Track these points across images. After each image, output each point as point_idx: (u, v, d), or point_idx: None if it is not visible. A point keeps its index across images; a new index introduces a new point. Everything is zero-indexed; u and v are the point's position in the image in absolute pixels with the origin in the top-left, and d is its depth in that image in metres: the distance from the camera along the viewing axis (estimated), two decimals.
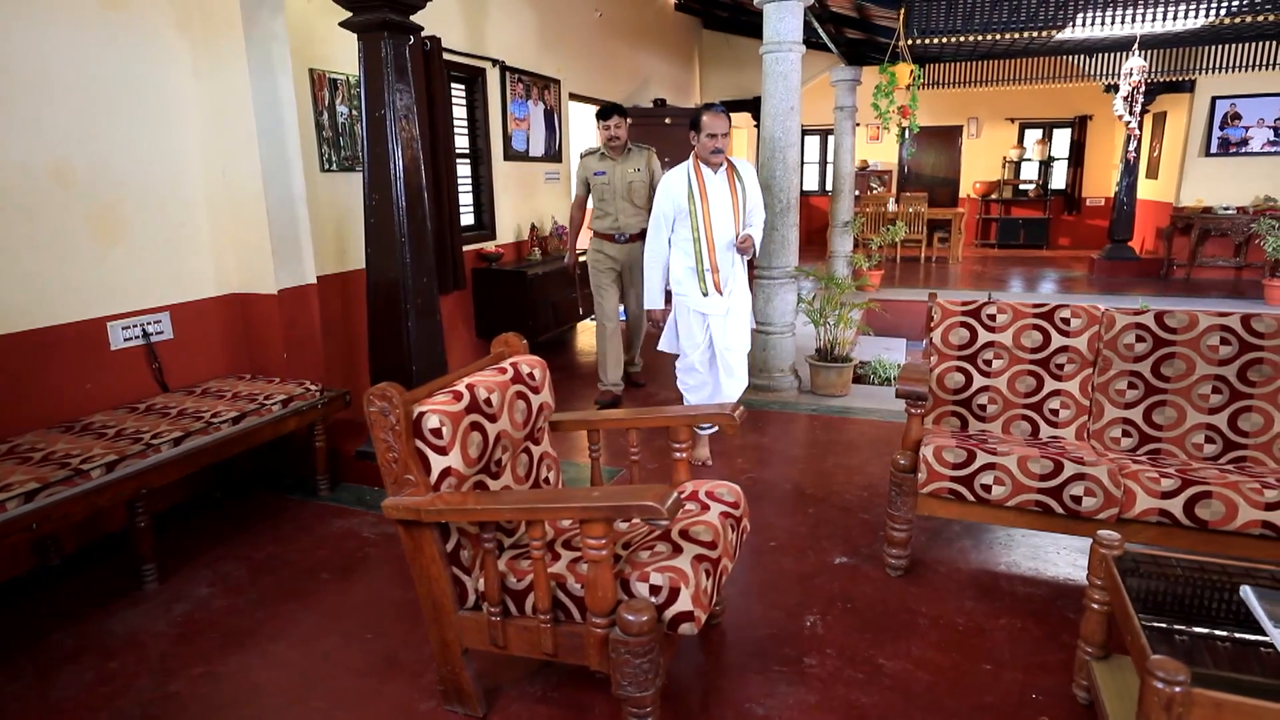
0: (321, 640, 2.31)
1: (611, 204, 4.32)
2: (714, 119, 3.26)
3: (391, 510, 1.81)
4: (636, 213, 4.32)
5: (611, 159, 4.29)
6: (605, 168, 4.30)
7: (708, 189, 3.33)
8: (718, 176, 3.36)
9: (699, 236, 3.35)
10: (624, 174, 4.28)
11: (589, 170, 4.36)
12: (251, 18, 3.21)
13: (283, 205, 3.44)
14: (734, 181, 3.37)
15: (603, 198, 4.32)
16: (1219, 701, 1.35)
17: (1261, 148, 8.41)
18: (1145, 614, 1.66)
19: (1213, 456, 2.58)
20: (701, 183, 3.34)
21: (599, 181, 4.31)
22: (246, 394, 3.10)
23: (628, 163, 4.29)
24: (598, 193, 4.33)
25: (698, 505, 2.04)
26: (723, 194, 3.35)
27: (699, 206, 3.33)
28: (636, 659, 1.65)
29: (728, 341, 3.48)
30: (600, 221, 4.39)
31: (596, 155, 4.35)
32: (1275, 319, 2.53)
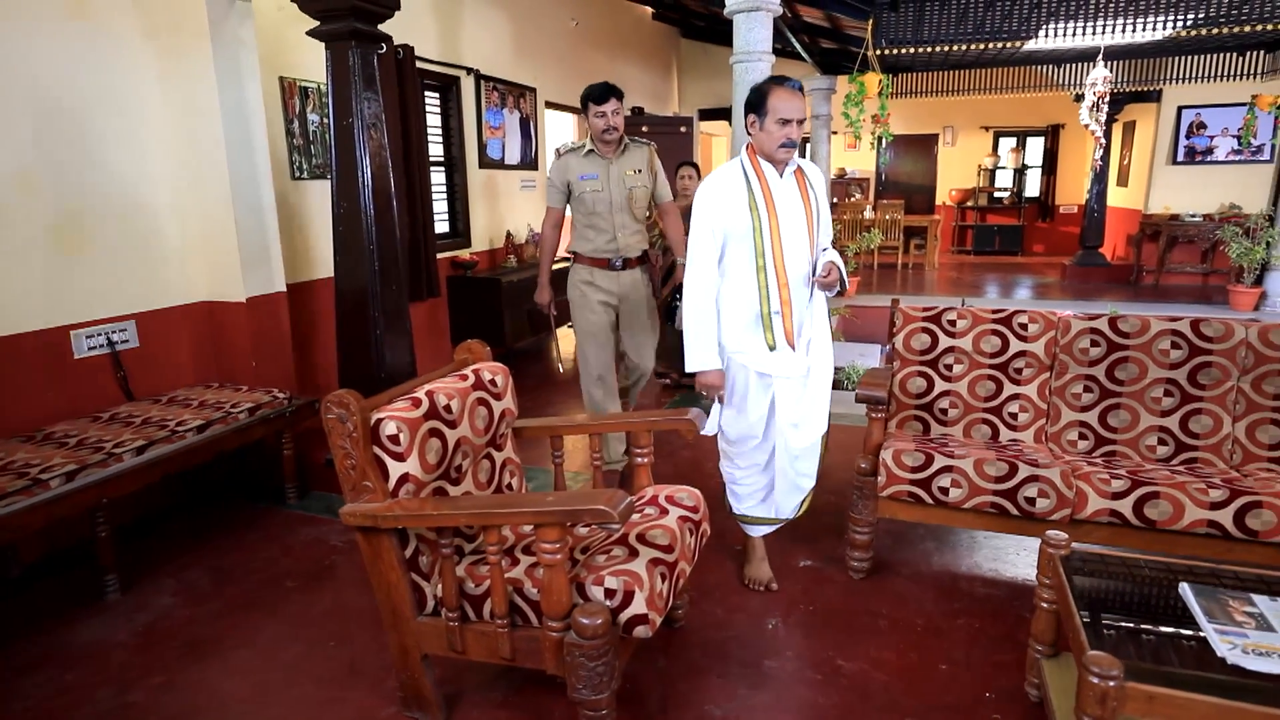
0: (284, 649, 2.30)
1: (606, 218, 3.17)
2: (788, 98, 2.25)
3: (349, 517, 1.82)
4: (638, 229, 3.27)
5: (603, 157, 3.15)
6: (596, 169, 3.14)
7: (774, 197, 2.33)
8: (784, 181, 2.37)
9: (764, 264, 2.33)
10: (622, 177, 3.16)
11: (571, 173, 3.16)
12: (219, 26, 3.21)
13: (252, 213, 3.44)
14: (805, 189, 2.40)
15: (593, 210, 3.16)
16: (1151, 694, 1.39)
17: (1226, 156, 8.59)
18: (1091, 611, 1.70)
19: (1165, 458, 2.64)
20: (766, 188, 2.33)
21: (587, 188, 3.14)
22: (213, 402, 3.09)
23: (625, 161, 3.18)
24: (584, 204, 3.16)
25: (657, 510, 2.06)
26: (794, 205, 2.36)
27: (765, 221, 2.32)
28: (591, 662, 1.67)
29: (798, 416, 2.42)
30: (587, 242, 3.22)
31: (580, 153, 3.16)
32: (1223, 324, 2.59)
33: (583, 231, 3.26)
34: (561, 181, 3.21)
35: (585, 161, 3.19)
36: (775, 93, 2.27)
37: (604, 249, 3.23)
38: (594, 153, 3.18)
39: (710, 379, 2.40)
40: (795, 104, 2.26)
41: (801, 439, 2.45)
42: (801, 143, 11.54)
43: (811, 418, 2.46)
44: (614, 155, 3.18)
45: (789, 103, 2.26)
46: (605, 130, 3.08)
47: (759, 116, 2.30)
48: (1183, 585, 1.73)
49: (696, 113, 9.93)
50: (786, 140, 2.28)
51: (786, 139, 2.27)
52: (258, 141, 3.44)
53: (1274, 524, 2.14)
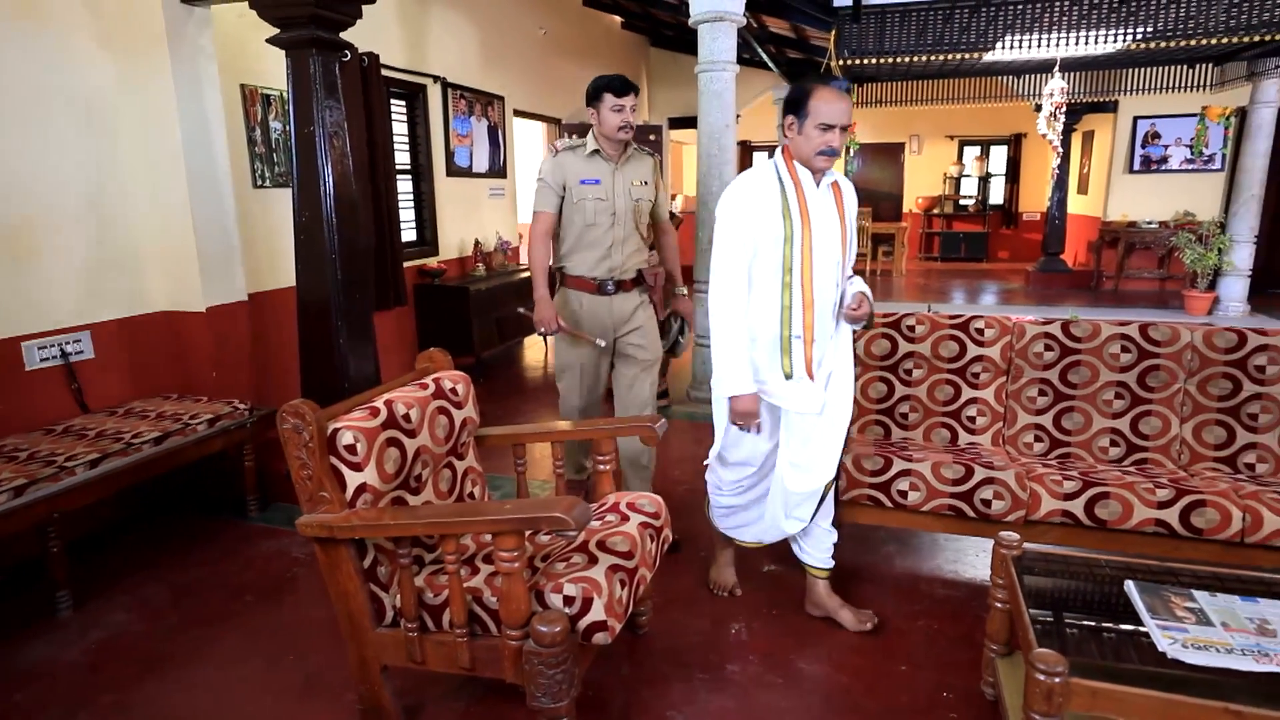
0: (242, 663, 2.27)
1: (605, 231, 2.76)
2: (832, 100, 2.04)
3: (305, 528, 1.80)
4: (639, 247, 2.89)
5: (609, 161, 2.75)
6: (599, 173, 2.74)
7: (810, 208, 2.11)
8: (821, 192, 2.15)
9: (790, 281, 2.11)
10: (627, 185, 2.78)
11: (570, 175, 2.74)
12: (177, 33, 3.17)
13: (211, 222, 3.40)
14: (841, 205, 2.18)
15: (592, 221, 2.75)
16: (1094, 690, 1.43)
17: (1179, 165, 8.83)
18: (1042, 610, 1.74)
19: (1117, 459, 2.70)
20: (802, 196, 2.11)
21: (588, 195, 2.72)
22: (171, 414, 3.04)
23: (631, 170, 2.80)
24: (582, 213, 2.74)
25: (618, 516, 2.07)
26: (829, 220, 2.14)
27: (798, 233, 2.09)
28: (550, 670, 1.67)
29: (804, 457, 2.22)
30: (580, 259, 2.79)
31: (582, 153, 2.75)
32: (1170, 328, 2.67)
33: (572, 246, 2.82)
34: (557, 183, 2.77)
35: (588, 164, 2.74)
36: (818, 94, 2.05)
37: (596, 269, 2.80)
38: (599, 154, 2.74)
39: (745, 405, 2.16)
40: (840, 108, 2.04)
41: (802, 482, 2.23)
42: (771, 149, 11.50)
43: (818, 462, 2.21)
44: (619, 160, 2.78)
45: (833, 106, 2.03)
46: (623, 127, 2.67)
47: (798, 119, 2.08)
48: (1128, 583, 1.77)
49: (666, 121, 9.99)
50: (827, 147, 2.06)
51: (827, 146, 2.05)
52: (218, 150, 3.40)
53: (1217, 522, 2.20)
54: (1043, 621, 1.70)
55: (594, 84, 2.71)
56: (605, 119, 2.69)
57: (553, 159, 2.81)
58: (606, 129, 2.70)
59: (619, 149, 2.78)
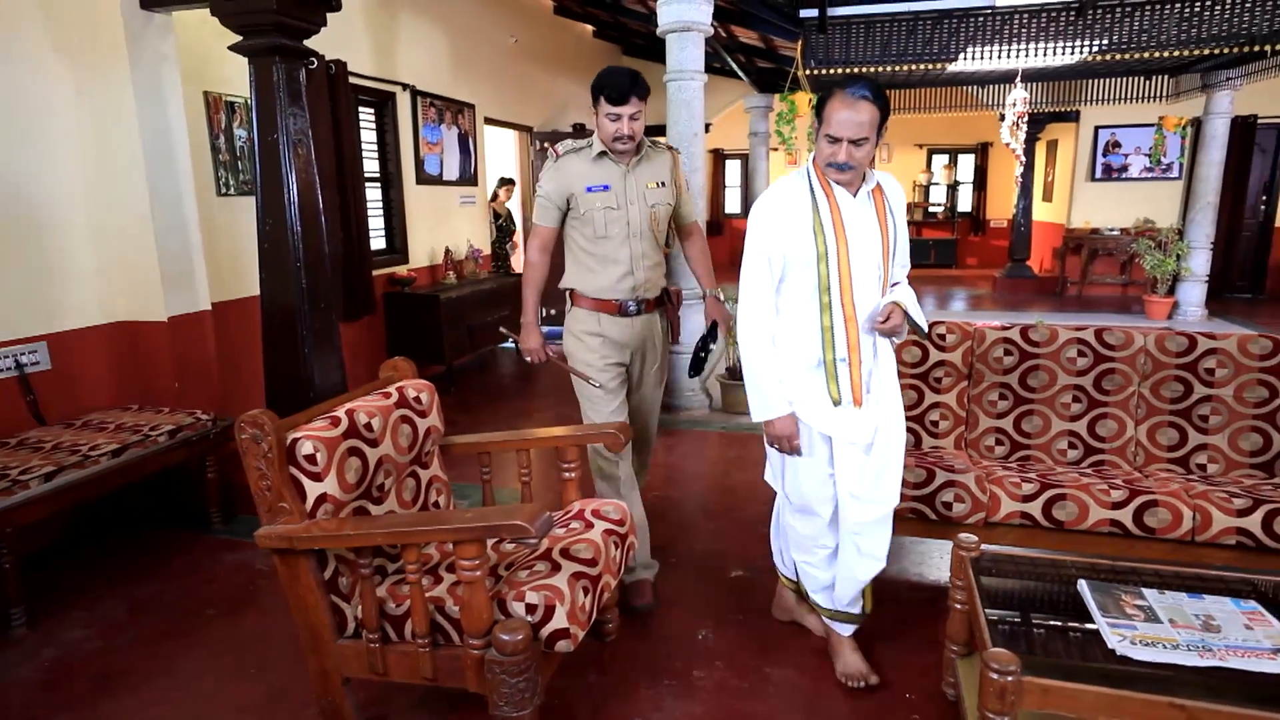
0: (202, 678, 2.23)
1: (621, 245, 2.43)
2: (839, 109, 1.85)
3: (264, 539, 1.78)
4: (659, 261, 2.54)
5: (618, 163, 2.41)
6: (609, 178, 2.40)
7: (845, 221, 1.95)
8: (859, 201, 1.98)
9: (829, 301, 1.97)
10: (643, 191, 2.44)
11: (575, 183, 2.41)
12: (137, 40, 3.13)
13: (173, 230, 3.35)
14: (883, 212, 2.01)
15: (604, 234, 2.42)
16: (1045, 687, 1.46)
17: (1139, 174, 9.06)
18: (999, 610, 1.77)
19: (1075, 461, 2.76)
20: (836, 209, 1.95)
21: (597, 204, 2.40)
22: (131, 425, 2.98)
23: (645, 171, 2.45)
24: (592, 225, 2.41)
25: (582, 524, 2.07)
26: (868, 231, 1.98)
27: (832, 249, 1.94)
28: (512, 678, 1.67)
29: (862, 487, 2.05)
30: (592, 277, 2.46)
31: (587, 155, 2.41)
32: (1124, 332, 2.74)
33: (585, 263, 2.46)
34: (560, 194, 2.42)
35: (595, 168, 2.40)
36: (831, 100, 1.87)
37: (616, 288, 2.44)
38: (606, 156, 2.40)
39: (780, 428, 2.02)
40: (844, 118, 1.83)
41: (864, 512, 2.06)
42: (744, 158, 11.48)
43: (880, 489, 2.06)
44: (630, 162, 2.43)
45: (839, 115, 1.84)
46: (619, 138, 2.33)
47: (819, 126, 1.92)
48: (1081, 582, 1.81)
49: None
50: (832, 161, 1.89)
51: (832, 160, 1.88)
52: (180, 158, 3.36)
53: (1169, 521, 2.26)
54: (999, 622, 1.73)
55: (594, 83, 2.36)
56: (600, 126, 2.36)
57: (552, 166, 2.45)
58: (602, 136, 2.37)
59: (627, 154, 2.41)
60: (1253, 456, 2.62)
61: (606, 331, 2.48)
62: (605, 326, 2.48)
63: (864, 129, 1.84)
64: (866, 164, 1.93)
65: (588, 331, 2.49)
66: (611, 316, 2.47)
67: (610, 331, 2.48)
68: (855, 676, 2.14)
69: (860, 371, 2.00)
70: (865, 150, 1.88)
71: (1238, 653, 1.52)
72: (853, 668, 2.16)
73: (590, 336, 2.49)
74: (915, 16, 4.75)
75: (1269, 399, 2.59)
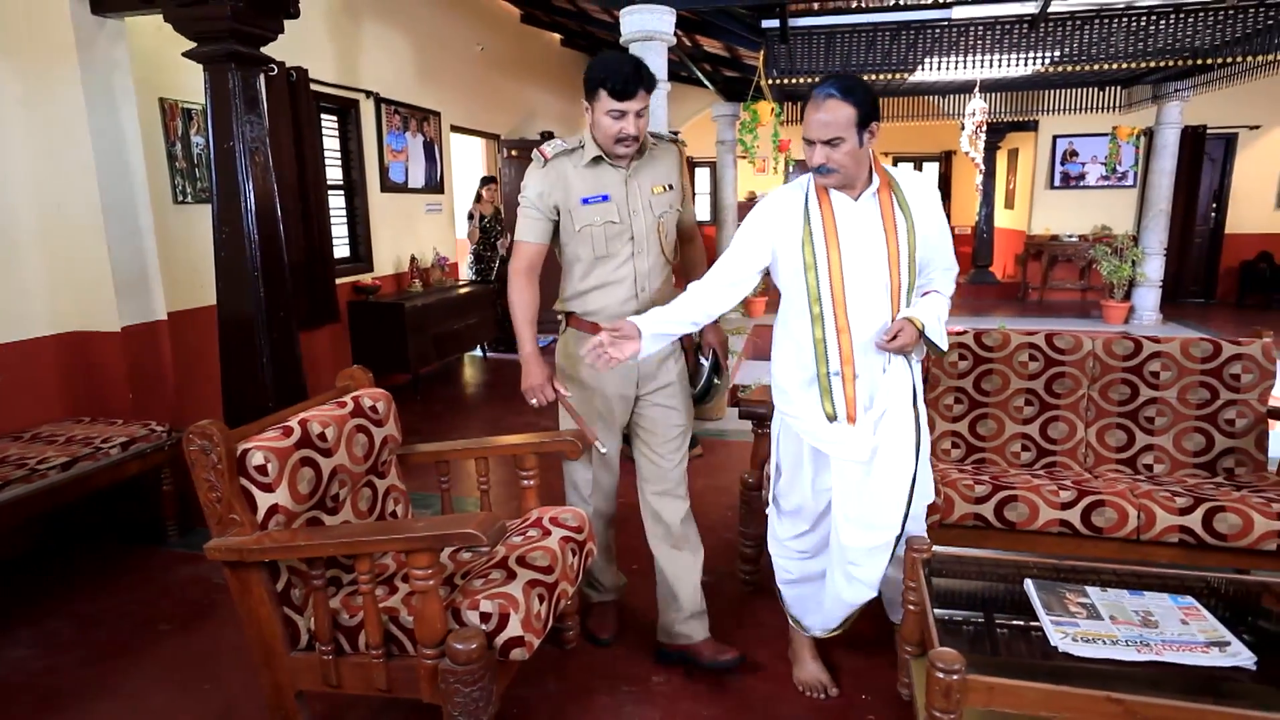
0: (152, 695, 2.19)
1: (624, 263, 2.11)
2: (812, 108, 1.80)
3: (214, 552, 1.76)
4: (669, 275, 2.23)
5: (616, 166, 2.07)
6: (607, 186, 2.07)
7: (839, 229, 1.87)
8: (860, 206, 1.88)
9: (821, 313, 1.89)
10: (648, 198, 2.11)
11: (568, 194, 2.07)
12: (88, 45, 3.08)
13: (127, 239, 3.29)
14: (889, 215, 1.88)
15: (604, 252, 2.10)
16: (990, 685, 1.48)
17: (1096, 182, 9.30)
18: (950, 610, 1.81)
19: (1028, 463, 2.82)
20: (829, 217, 1.88)
21: (596, 218, 2.07)
22: (82, 438, 2.92)
23: (649, 172, 2.12)
24: (590, 241, 2.09)
25: (540, 531, 2.07)
26: (869, 238, 1.88)
27: (821, 260, 1.87)
28: (467, 688, 1.66)
29: (860, 509, 1.96)
30: (597, 299, 2.14)
31: (580, 158, 2.07)
32: (1073, 336, 2.81)
33: (584, 284, 2.13)
34: (547, 204, 2.07)
35: (589, 174, 2.06)
36: (806, 105, 1.83)
37: (620, 311, 2.09)
38: (603, 160, 2.05)
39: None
40: (815, 118, 1.78)
41: (858, 537, 1.96)
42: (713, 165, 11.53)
43: (877, 515, 1.94)
44: (631, 164, 2.08)
45: (810, 117, 1.80)
46: (622, 139, 1.98)
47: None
48: (1027, 581, 1.85)
49: None
50: (811, 166, 1.83)
51: (810, 164, 1.83)
52: (134, 165, 3.30)
53: (1115, 520, 2.31)
54: (949, 621, 1.76)
55: (589, 73, 1.99)
56: (599, 125, 1.99)
57: (539, 171, 2.07)
58: (600, 135, 2.01)
59: (633, 150, 2.04)
60: (1196, 456, 2.70)
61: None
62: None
63: (834, 128, 1.76)
64: (854, 165, 1.82)
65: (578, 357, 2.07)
66: None
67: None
68: (813, 687, 2.14)
69: (854, 386, 1.89)
70: (844, 150, 1.78)
71: (1173, 647, 1.56)
72: (810, 677, 2.16)
73: (588, 367, 2.07)
74: (874, 28, 4.84)
75: (1210, 400, 2.67)
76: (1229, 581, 1.98)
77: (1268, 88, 8.01)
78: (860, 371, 1.90)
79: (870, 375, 1.92)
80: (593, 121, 2.01)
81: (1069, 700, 1.45)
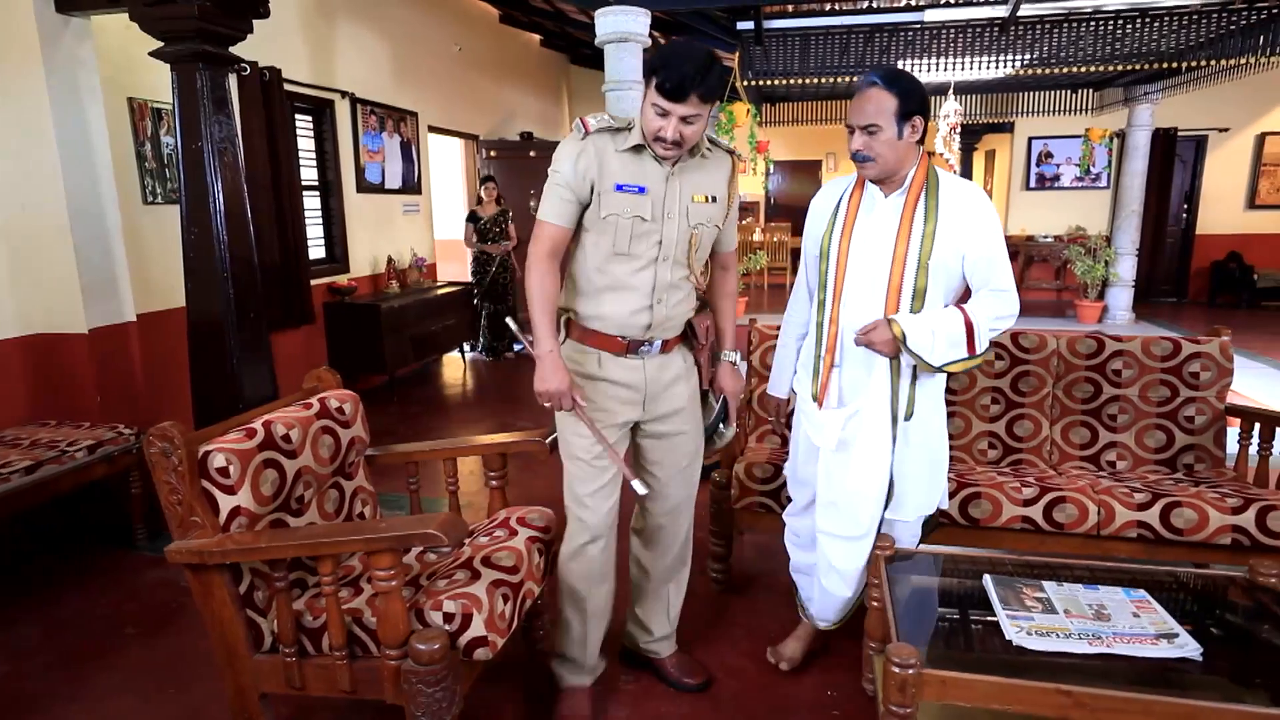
0: (116, 699, 2.17)
1: (643, 269, 1.88)
2: (856, 96, 1.86)
3: (175, 555, 1.75)
4: (690, 293, 1.99)
5: (660, 161, 1.82)
6: (646, 178, 1.83)
7: (857, 223, 1.93)
8: (888, 204, 1.91)
9: (825, 299, 1.98)
10: (686, 200, 1.87)
11: (604, 172, 1.82)
12: (52, 45, 3.05)
13: (94, 240, 3.26)
14: (911, 215, 1.87)
15: (625, 249, 1.86)
16: (943, 679, 1.51)
17: (1070, 183, 9.42)
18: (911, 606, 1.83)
19: (995, 461, 2.86)
20: (852, 211, 1.94)
21: (625, 208, 1.83)
22: (47, 441, 2.89)
23: (696, 177, 1.88)
24: (613, 232, 1.84)
25: (506, 532, 2.08)
26: (882, 235, 1.90)
27: (834, 247, 1.95)
28: (429, 688, 1.66)
29: (830, 499, 2.03)
30: (604, 305, 1.90)
31: (624, 139, 1.83)
32: (1038, 335, 2.85)
33: (591, 281, 1.90)
34: (582, 180, 1.81)
35: (630, 161, 1.82)
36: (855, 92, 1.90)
37: (627, 323, 1.90)
38: (645, 149, 1.82)
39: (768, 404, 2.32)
40: (856, 105, 1.85)
41: (830, 523, 2.04)
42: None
43: (845, 507, 2.00)
44: (675, 166, 1.85)
45: (853, 104, 1.87)
46: (660, 139, 1.76)
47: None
48: (986, 577, 1.88)
49: None
50: (853, 151, 1.88)
51: (852, 149, 1.88)
52: (101, 165, 3.27)
53: (1076, 516, 2.35)
54: (908, 617, 1.79)
55: (651, 56, 1.85)
56: (644, 115, 1.78)
57: (578, 144, 1.82)
58: (645, 128, 1.80)
59: (676, 154, 1.82)
60: (1157, 453, 2.75)
61: (609, 373, 1.92)
62: (608, 368, 1.92)
63: (872, 116, 1.81)
64: (892, 156, 1.84)
65: (581, 374, 1.91)
66: (614, 356, 1.92)
67: (614, 373, 1.92)
68: (778, 656, 2.27)
69: (831, 375, 1.98)
70: (882, 140, 1.82)
71: (1124, 639, 1.60)
72: (786, 652, 2.27)
73: (585, 381, 1.89)
74: (848, 30, 4.89)
75: (1170, 398, 2.72)
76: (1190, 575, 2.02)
77: (1236, 91, 8.16)
78: (841, 362, 1.98)
79: (854, 370, 1.98)
80: (641, 107, 1.82)
81: (1020, 693, 1.48)
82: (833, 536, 2.06)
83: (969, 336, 1.88)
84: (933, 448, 2.06)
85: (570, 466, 1.97)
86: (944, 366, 1.90)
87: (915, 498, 2.05)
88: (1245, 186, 9.29)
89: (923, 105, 1.88)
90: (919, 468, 2.02)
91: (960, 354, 1.89)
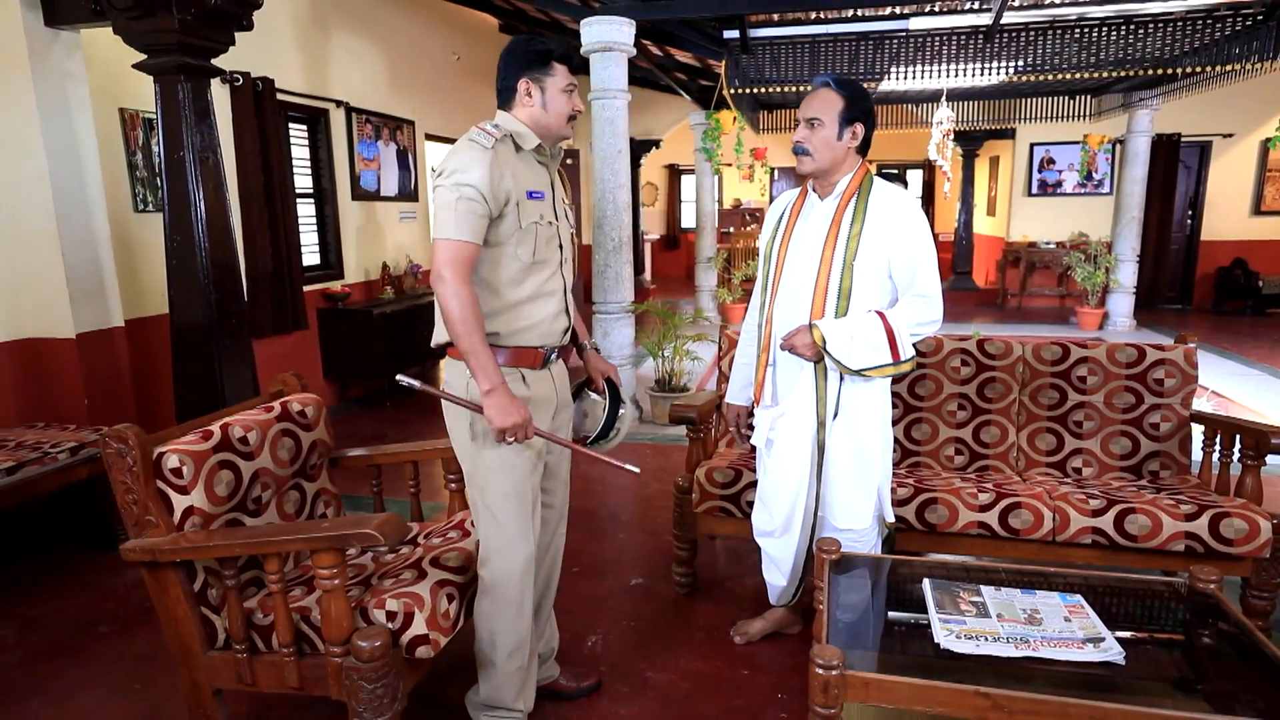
0: (82, 695, 2.22)
1: (554, 274, 1.86)
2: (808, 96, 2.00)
3: (129, 553, 1.80)
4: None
5: (542, 160, 1.86)
6: (542, 183, 1.84)
7: (796, 227, 2.02)
8: (822, 208, 1.99)
9: (765, 301, 2.09)
10: (563, 199, 1.94)
11: (516, 184, 1.75)
12: (41, 58, 3.14)
13: (82, 247, 3.34)
14: (837, 223, 1.95)
15: (542, 257, 1.81)
16: (866, 680, 1.53)
17: (1072, 189, 9.37)
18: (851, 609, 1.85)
19: (962, 467, 2.87)
20: (794, 215, 2.05)
21: (535, 215, 1.79)
22: (32, 443, 2.96)
23: (558, 176, 1.93)
24: (531, 243, 1.79)
25: (460, 533, 2.12)
26: (813, 239, 1.97)
27: (775, 251, 2.06)
28: (370, 684, 1.70)
29: (762, 490, 2.18)
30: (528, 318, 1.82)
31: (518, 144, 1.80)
32: (1003, 342, 2.86)
33: (508, 295, 1.79)
34: (496, 195, 1.70)
35: (528, 166, 1.80)
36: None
37: (550, 331, 1.85)
38: (534, 152, 1.81)
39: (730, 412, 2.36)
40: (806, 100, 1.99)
41: (759, 518, 2.21)
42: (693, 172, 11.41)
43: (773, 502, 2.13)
44: (553, 164, 1.88)
45: (804, 99, 2.01)
46: (573, 118, 1.82)
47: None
48: (925, 581, 1.89)
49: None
50: (793, 144, 2.01)
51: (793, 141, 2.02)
52: (89, 174, 3.35)
53: (1031, 522, 2.36)
54: (844, 620, 1.80)
55: (533, 47, 1.82)
56: (553, 103, 1.77)
57: (488, 153, 1.69)
58: (552, 117, 1.78)
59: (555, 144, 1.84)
60: (1123, 460, 2.75)
61: (532, 390, 1.83)
62: (531, 385, 1.83)
63: (817, 110, 1.95)
64: (827, 154, 1.96)
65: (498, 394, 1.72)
66: (534, 371, 1.84)
67: (535, 389, 1.84)
68: (738, 630, 2.41)
69: (765, 374, 2.11)
70: (821, 136, 1.94)
71: (1051, 643, 1.61)
72: (746, 628, 2.41)
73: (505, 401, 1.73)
74: (834, 38, 4.91)
75: (1135, 405, 2.72)
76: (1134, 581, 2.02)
77: (1240, 97, 8.10)
78: (775, 362, 2.09)
79: (787, 370, 2.07)
80: (542, 101, 1.78)
81: (940, 694, 1.50)
82: (759, 531, 2.24)
83: (890, 341, 1.94)
84: (865, 454, 2.07)
85: (503, 507, 1.80)
86: (863, 370, 1.96)
87: (845, 505, 2.08)
88: (1250, 193, 9.20)
89: (867, 116, 1.99)
90: (848, 473, 2.06)
91: (883, 358, 1.95)
